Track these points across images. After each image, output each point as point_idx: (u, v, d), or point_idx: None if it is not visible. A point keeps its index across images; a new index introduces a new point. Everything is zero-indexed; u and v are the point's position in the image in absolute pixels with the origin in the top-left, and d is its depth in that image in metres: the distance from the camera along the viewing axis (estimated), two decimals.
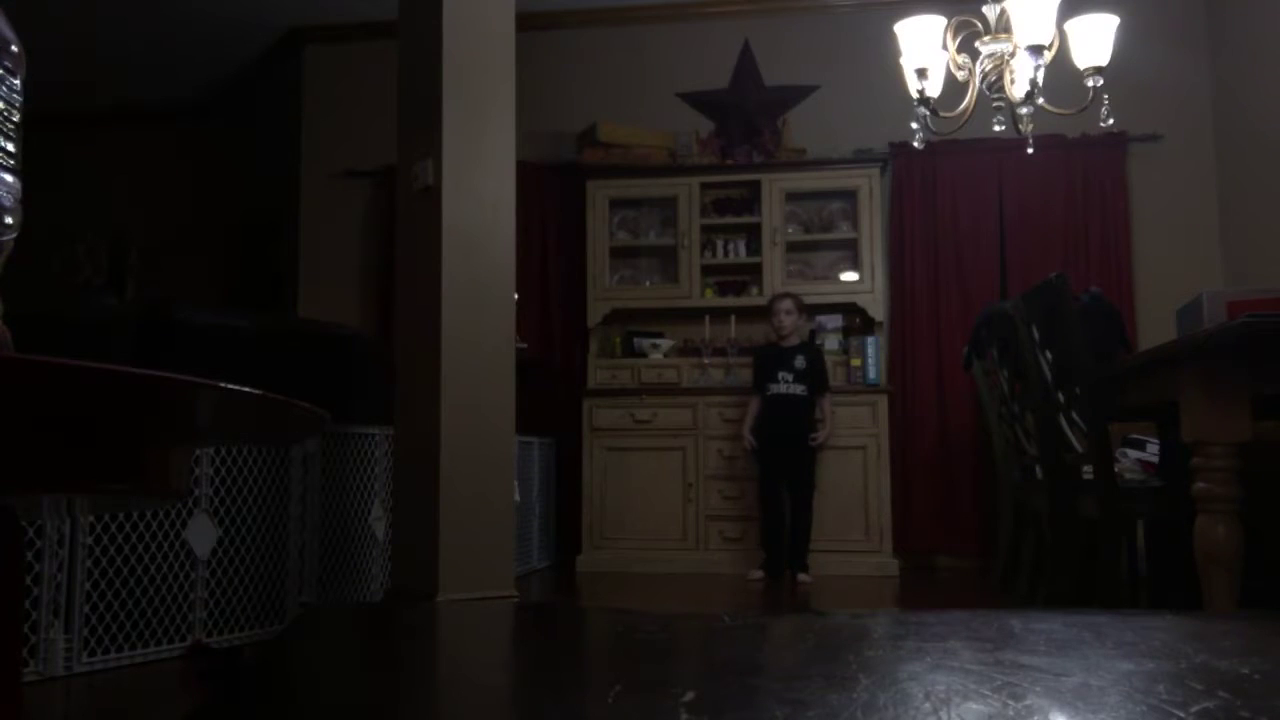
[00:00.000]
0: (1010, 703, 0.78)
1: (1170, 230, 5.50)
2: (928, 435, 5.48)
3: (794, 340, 5.03)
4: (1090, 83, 3.41)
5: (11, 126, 0.87)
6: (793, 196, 5.62)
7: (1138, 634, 1.07)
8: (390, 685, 0.94)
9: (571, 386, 5.63)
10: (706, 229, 5.66)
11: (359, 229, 6.32)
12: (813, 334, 5.51)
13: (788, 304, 5.02)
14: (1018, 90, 3.43)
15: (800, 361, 4.96)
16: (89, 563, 2.62)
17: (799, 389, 4.93)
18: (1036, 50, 3.27)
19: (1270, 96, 4.96)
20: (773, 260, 5.52)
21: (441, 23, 3.44)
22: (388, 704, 0.89)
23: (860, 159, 5.54)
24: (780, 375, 4.95)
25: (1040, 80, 3.34)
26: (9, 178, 0.87)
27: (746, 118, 5.73)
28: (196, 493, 2.90)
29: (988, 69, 3.49)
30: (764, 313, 5.16)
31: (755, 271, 5.58)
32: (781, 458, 4.91)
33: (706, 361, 5.48)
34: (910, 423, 5.49)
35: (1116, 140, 5.44)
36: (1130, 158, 5.56)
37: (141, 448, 0.83)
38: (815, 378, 4.97)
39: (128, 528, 2.72)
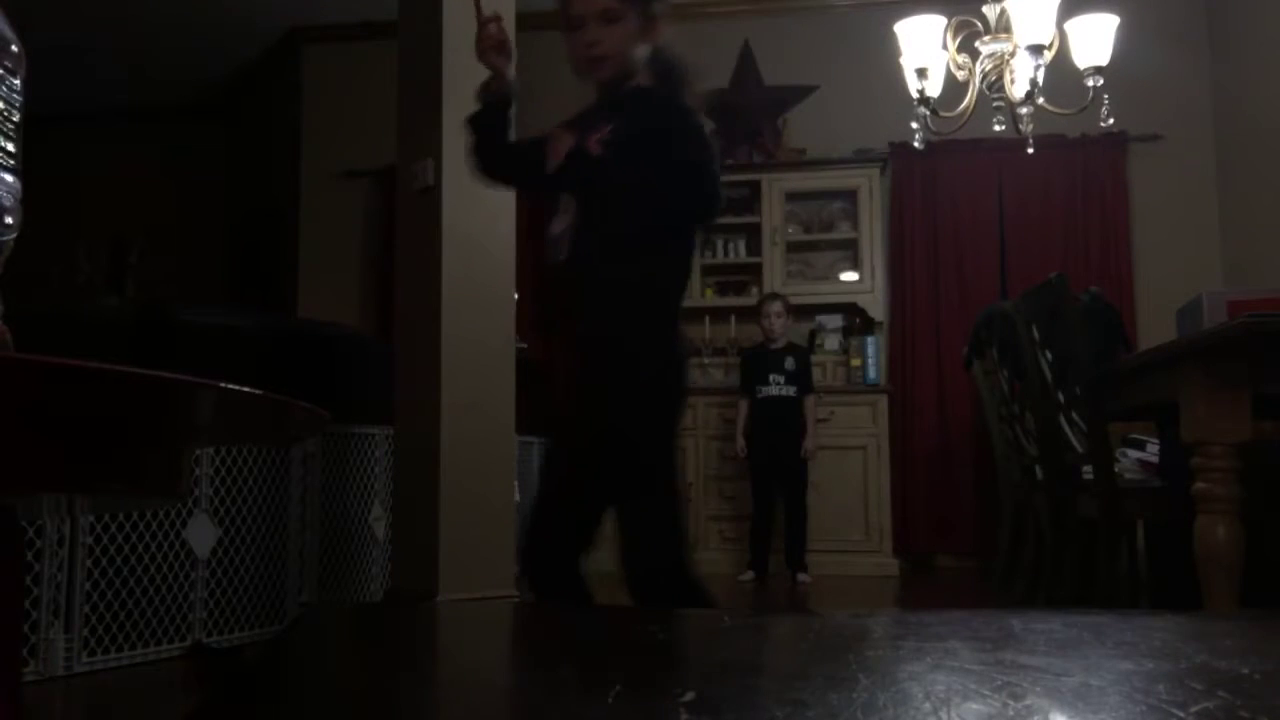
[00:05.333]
0: (1010, 703, 0.78)
1: (1170, 230, 5.50)
2: (928, 435, 5.48)
3: (782, 342, 5.02)
4: (1090, 83, 3.41)
5: (11, 126, 0.87)
6: (793, 196, 5.62)
7: (1138, 634, 1.07)
8: (390, 685, 0.94)
9: None
10: (706, 229, 5.65)
11: (359, 229, 6.32)
12: (813, 334, 5.51)
13: (778, 306, 5.01)
14: (1018, 90, 3.43)
15: (790, 363, 4.96)
16: (89, 563, 2.62)
17: (790, 390, 4.93)
18: (1036, 50, 3.27)
19: (1270, 96, 4.96)
20: (773, 260, 5.52)
21: (441, 23, 3.44)
22: (388, 704, 0.89)
23: (860, 159, 5.55)
24: (771, 377, 4.94)
25: (1040, 80, 3.34)
26: (9, 178, 0.87)
27: (746, 118, 5.73)
28: (196, 493, 2.90)
29: (988, 69, 3.49)
30: None
31: (755, 271, 5.58)
32: (775, 459, 4.91)
33: (706, 361, 5.47)
34: (910, 423, 5.49)
35: (1116, 140, 5.44)
36: (1130, 158, 5.56)
37: (141, 448, 0.83)
38: (804, 379, 4.97)
39: (128, 528, 2.72)
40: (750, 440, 4.95)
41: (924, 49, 3.52)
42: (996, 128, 3.47)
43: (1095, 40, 3.42)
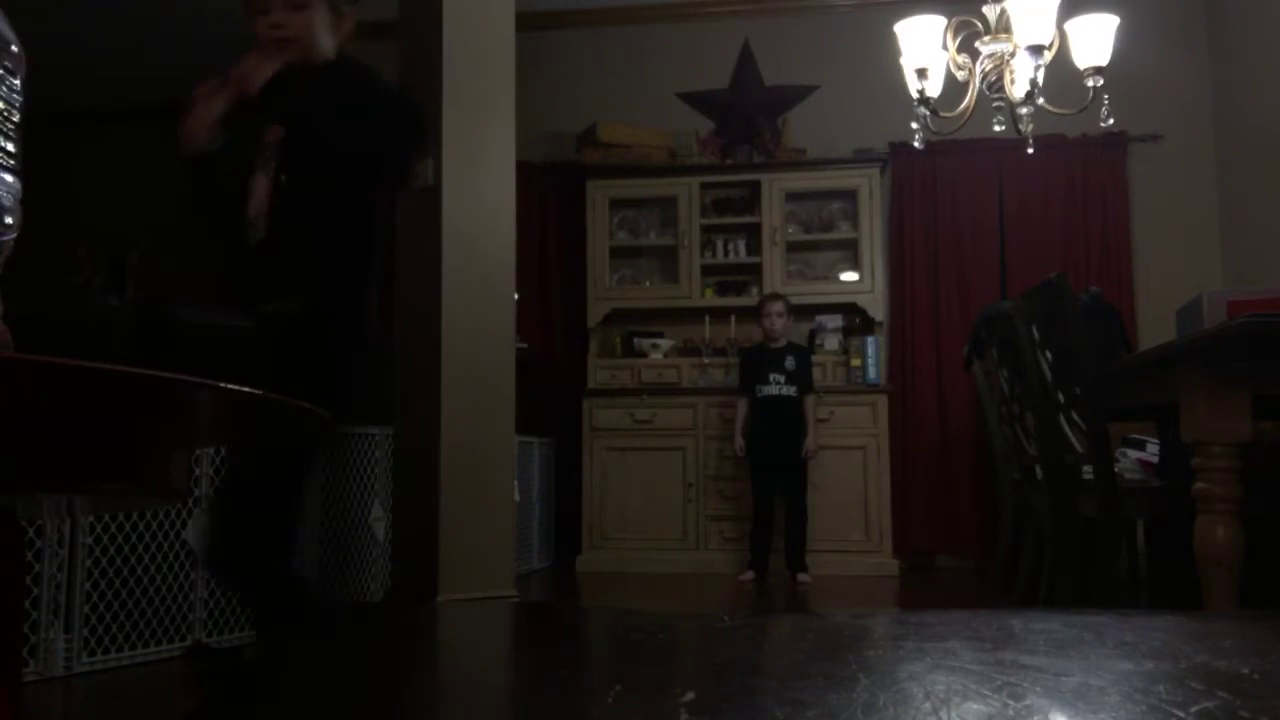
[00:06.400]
0: (1010, 703, 0.78)
1: (1170, 230, 5.50)
2: (928, 435, 5.48)
3: (782, 342, 5.02)
4: (1090, 83, 3.41)
5: (11, 126, 0.87)
6: (793, 196, 5.62)
7: (1138, 634, 1.07)
8: (390, 685, 0.94)
9: (571, 386, 5.63)
10: (706, 229, 5.66)
11: None
12: (813, 334, 5.50)
13: (779, 306, 5.01)
14: (1018, 90, 3.43)
15: (790, 362, 4.96)
16: (89, 563, 2.62)
17: (790, 390, 4.92)
18: (1036, 50, 3.27)
19: (1270, 96, 4.96)
20: (773, 260, 5.52)
21: (441, 23, 3.45)
22: (388, 704, 0.89)
23: (860, 159, 5.54)
24: (771, 377, 4.94)
25: (1040, 80, 3.34)
26: (9, 178, 0.87)
27: (746, 118, 5.72)
28: (196, 493, 2.90)
29: (988, 69, 3.49)
30: None
31: (755, 271, 5.58)
32: (775, 459, 4.90)
33: (706, 361, 5.47)
34: (910, 423, 5.49)
35: (1116, 140, 5.44)
36: (1130, 158, 5.56)
37: (141, 448, 0.83)
38: (804, 378, 4.97)
39: (128, 528, 2.72)
40: (750, 440, 4.95)
41: (924, 49, 3.52)
42: (996, 128, 3.46)
43: (1095, 40, 3.42)
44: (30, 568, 2.47)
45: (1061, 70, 3.51)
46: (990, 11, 3.48)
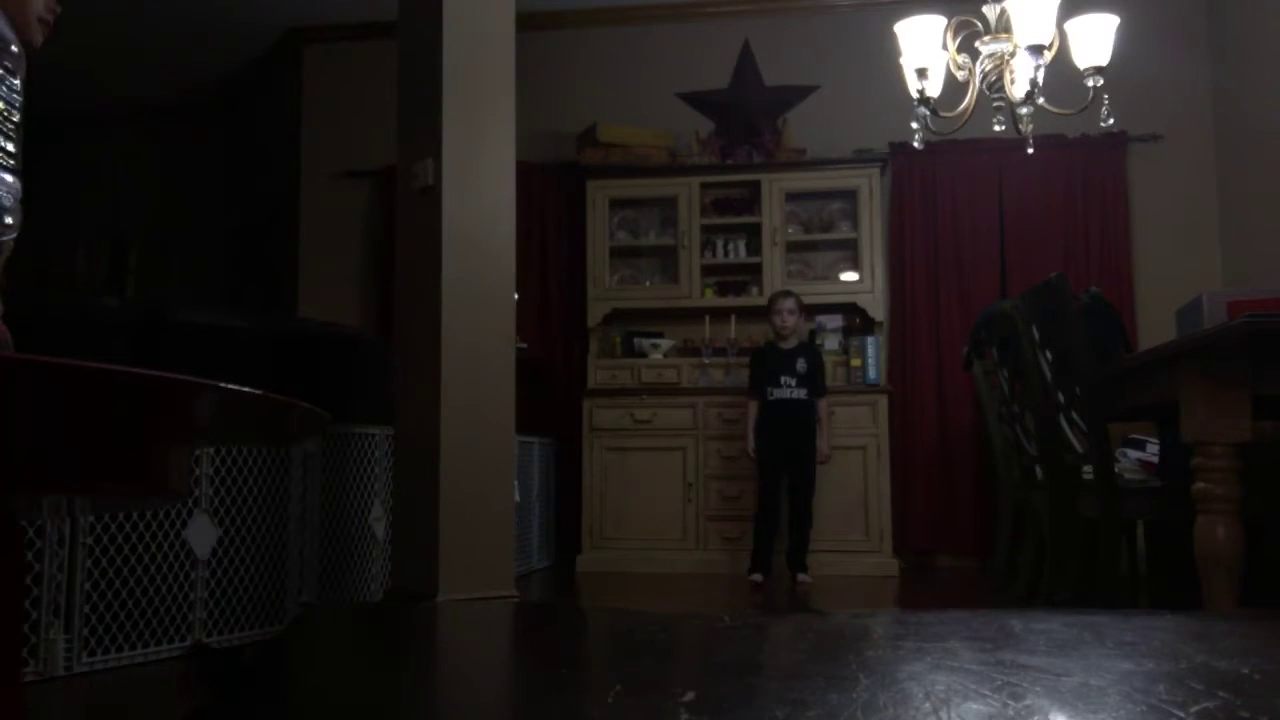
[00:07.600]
0: (1010, 703, 0.78)
1: (1170, 230, 5.50)
2: (928, 435, 5.48)
3: (793, 341, 4.98)
4: (1090, 83, 3.41)
5: (11, 126, 0.87)
6: (793, 196, 5.62)
7: (1138, 634, 1.07)
8: (390, 685, 0.94)
9: (571, 386, 5.63)
10: (706, 229, 5.66)
11: (359, 229, 6.32)
12: (812, 334, 5.50)
13: (790, 303, 4.95)
14: (1018, 90, 3.43)
15: (802, 364, 4.89)
16: (89, 563, 2.62)
17: (801, 392, 4.87)
18: (1036, 50, 3.27)
19: (1270, 96, 4.96)
20: (773, 260, 5.52)
21: (441, 23, 3.44)
22: (388, 704, 0.89)
23: (860, 159, 5.54)
24: (783, 379, 4.87)
25: (1040, 80, 3.34)
26: (9, 178, 0.87)
27: (746, 118, 5.72)
28: (196, 493, 2.90)
29: (988, 69, 3.49)
30: (764, 312, 5.11)
31: (755, 271, 5.58)
32: (785, 462, 4.86)
33: (706, 361, 5.47)
34: (910, 423, 5.49)
35: (1116, 140, 5.44)
36: (1130, 158, 5.56)
37: (141, 448, 0.83)
38: (816, 380, 4.93)
39: (128, 528, 2.72)
40: (760, 442, 4.88)
41: (924, 49, 3.52)
42: (996, 128, 3.46)
43: (1095, 40, 3.42)
44: (30, 568, 2.47)
45: (1061, 70, 3.51)
46: (990, 11, 3.48)
